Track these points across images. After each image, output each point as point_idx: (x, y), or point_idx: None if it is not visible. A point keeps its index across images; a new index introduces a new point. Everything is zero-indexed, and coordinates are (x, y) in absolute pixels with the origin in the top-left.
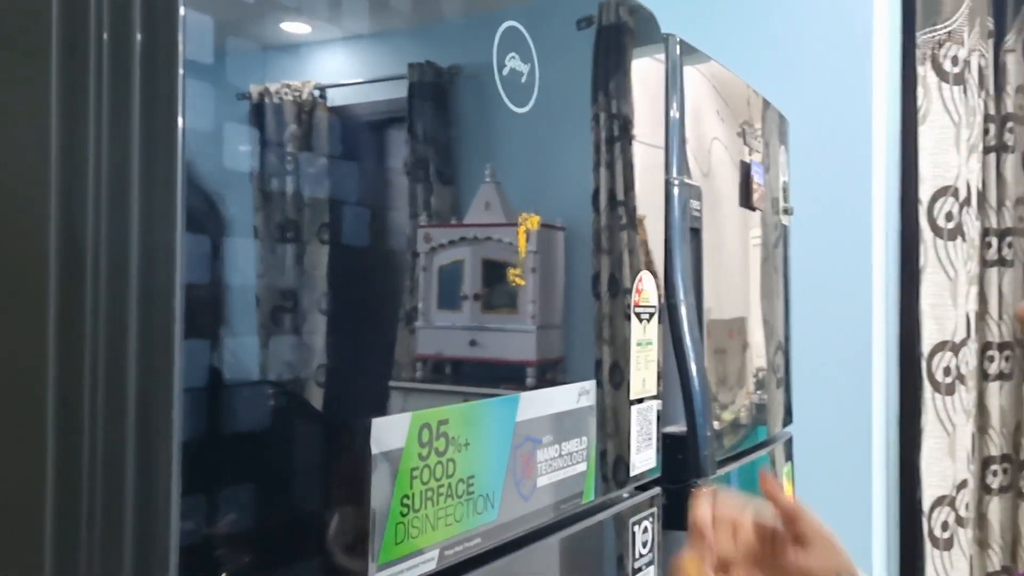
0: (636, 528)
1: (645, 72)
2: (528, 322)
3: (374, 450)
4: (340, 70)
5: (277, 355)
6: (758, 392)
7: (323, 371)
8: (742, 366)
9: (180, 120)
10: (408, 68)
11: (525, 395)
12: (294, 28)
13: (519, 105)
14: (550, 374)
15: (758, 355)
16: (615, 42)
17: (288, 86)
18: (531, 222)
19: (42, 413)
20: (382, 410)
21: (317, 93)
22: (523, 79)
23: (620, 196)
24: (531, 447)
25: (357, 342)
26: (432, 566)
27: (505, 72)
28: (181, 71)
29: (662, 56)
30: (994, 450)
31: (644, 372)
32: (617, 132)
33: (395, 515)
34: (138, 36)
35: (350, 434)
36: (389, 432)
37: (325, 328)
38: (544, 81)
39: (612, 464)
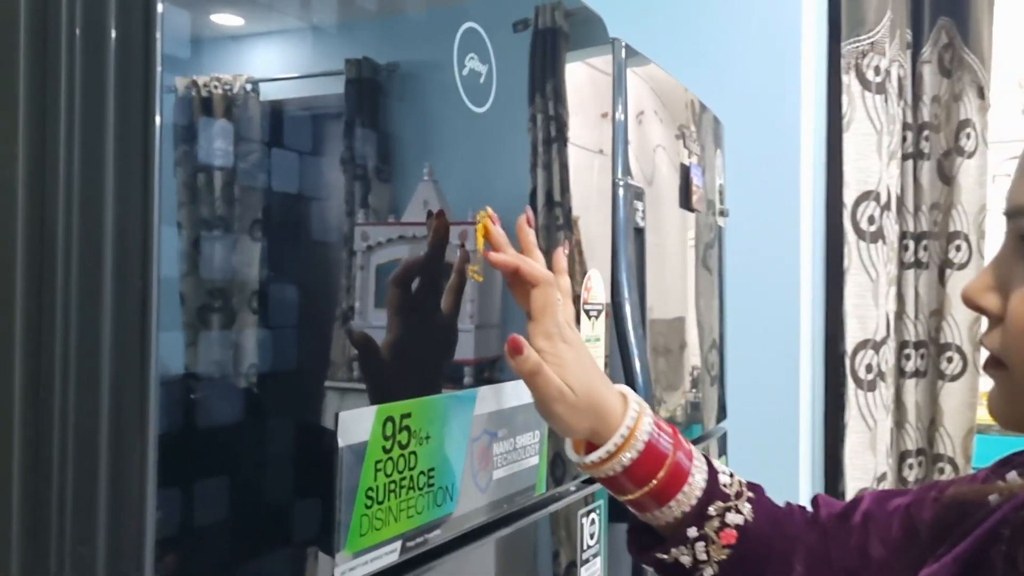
0: (584, 520)
1: (587, 75)
2: (466, 321)
3: (340, 443)
4: (275, 64)
5: (206, 353)
6: (694, 391)
7: (254, 370)
8: (679, 366)
9: (157, 118)
10: (345, 64)
11: (483, 389)
12: (225, 20)
13: (475, 104)
14: (488, 372)
15: (694, 354)
16: (551, 45)
17: (218, 79)
18: (484, 219)
19: (9, 406)
20: (316, 409)
21: (249, 87)
22: (481, 80)
23: (557, 197)
24: (488, 440)
25: (289, 341)
26: (394, 557)
27: (464, 72)
28: (159, 68)
29: (608, 59)
30: (910, 444)
31: None
32: (554, 133)
33: (360, 507)
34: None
35: (306, 428)
36: (355, 425)
37: (256, 327)
38: (495, 80)
39: (560, 457)
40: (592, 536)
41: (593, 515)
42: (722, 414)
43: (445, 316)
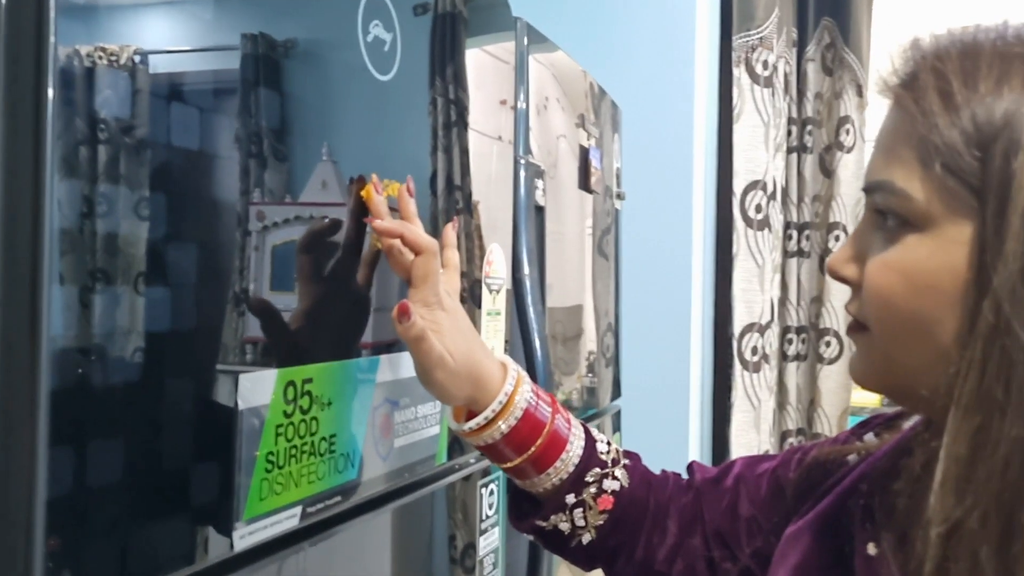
0: (483, 491)
1: (487, 61)
2: None
3: (241, 406)
4: (166, 36)
5: (99, 314)
6: (590, 375)
7: (149, 333)
8: (576, 351)
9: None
10: (241, 39)
11: (385, 357)
12: None
13: (380, 73)
14: (385, 355)
15: (590, 340)
16: (451, 29)
17: (103, 50)
18: (392, 188)
19: None
20: (216, 372)
21: (138, 59)
22: (386, 47)
23: (457, 181)
24: (389, 408)
25: (179, 325)
26: (295, 523)
27: (368, 39)
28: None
29: (510, 46)
30: (791, 424)
31: (493, 341)
32: (454, 118)
33: (260, 471)
34: None
35: (206, 391)
36: (256, 388)
37: (143, 311)
38: (401, 53)
39: None
40: (491, 507)
41: (492, 486)
42: (616, 392)
43: (358, 288)
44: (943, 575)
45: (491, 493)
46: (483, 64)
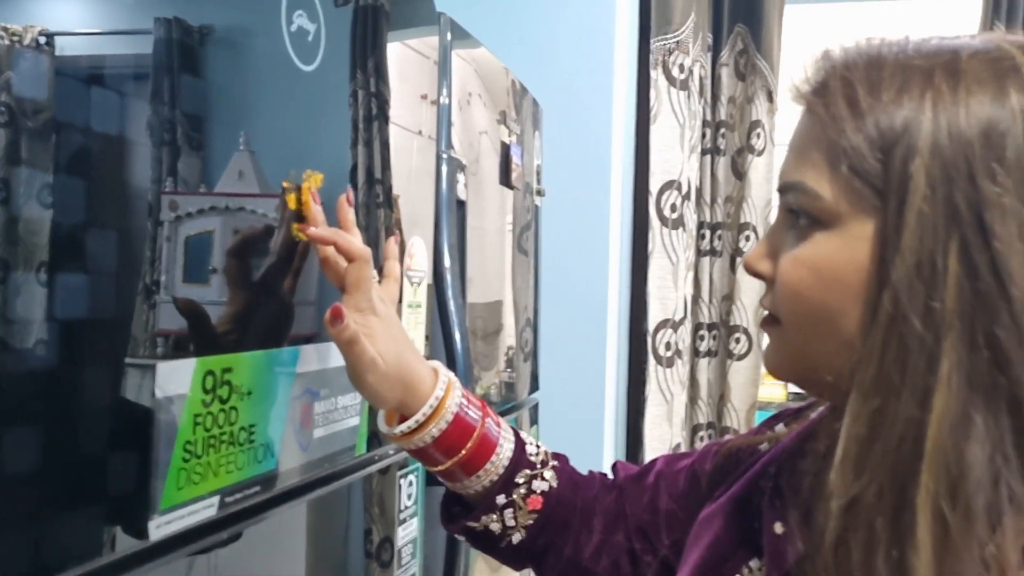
0: (402, 482)
1: (409, 56)
2: None
3: (158, 394)
4: (76, 18)
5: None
6: (508, 370)
7: (61, 320)
8: (495, 347)
9: None
10: (154, 23)
11: (305, 348)
12: None
13: (304, 63)
14: (307, 346)
15: (510, 336)
16: (373, 22)
17: (5, 29)
18: (315, 180)
19: None
20: (119, 385)
21: (43, 40)
22: (310, 38)
23: (377, 174)
24: (310, 399)
25: (85, 315)
26: (212, 512)
27: (292, 28)
28: None
29: (432, 40)
30: (702, 418)
31: (413, 333)
32: (375, 111)
33: (177, 461)
34: None
35: (123, 379)
36: (174, 377)
37: (44, 303)
38: (323, 40)
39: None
40: (410, 497)
41: (411, 477)
42: (534, 385)
43: (284, 290)
44: (842, 544)
45: (410, 484)
46: (405, 58)
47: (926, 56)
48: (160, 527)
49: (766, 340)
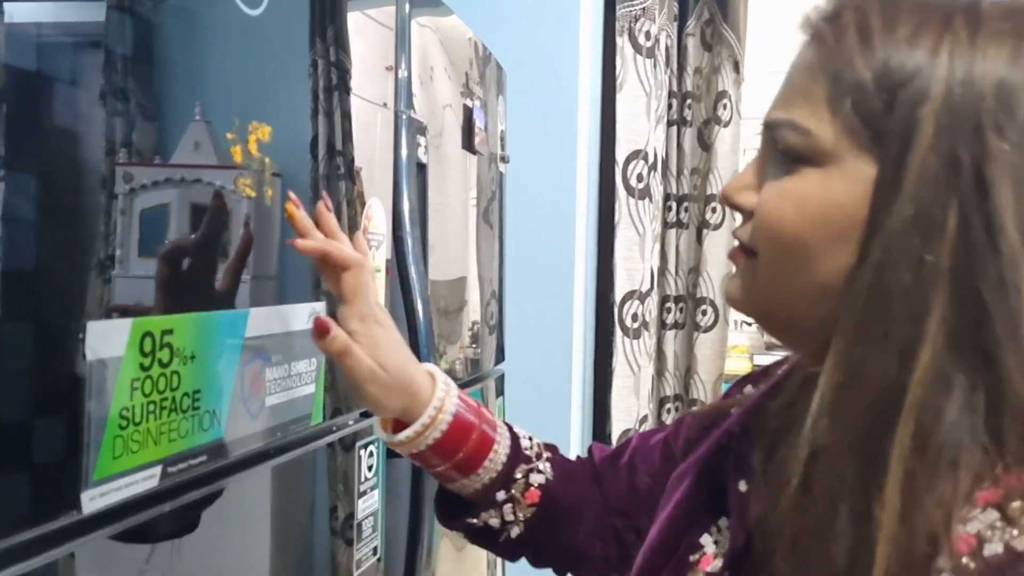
0: (362, 452)
1: (371, 26)
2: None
3: (89, 356)
4: None
5: None
6: (474, 346)
7: None
8: (459, 322)
9: None
10: None
11: (255, 311)
12: None
13: (250, 7)
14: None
15: (474, 309)
16: None
17: None
18: (261, 132)
19: None
20: (64, 320)
21: None
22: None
23: (339, 146)
24: (260, 365)
25: (38, 292)
26: (154, 483)
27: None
28: None
29: (392, 9)
30: (668, 390)
31: None
32: (335, 81)
33: (113, 428)
34: None
35: (60, 338)
36: (106, 338)
37: None
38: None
39: (339, 389)
40: (370, 468)
41: (371, 448)
42: (500, 357)
43: (221, 295)
44: (807, 491)
45: (370, 455)
46: (369, 29)
47: None
48: (94, 499)
49: (733, 314)
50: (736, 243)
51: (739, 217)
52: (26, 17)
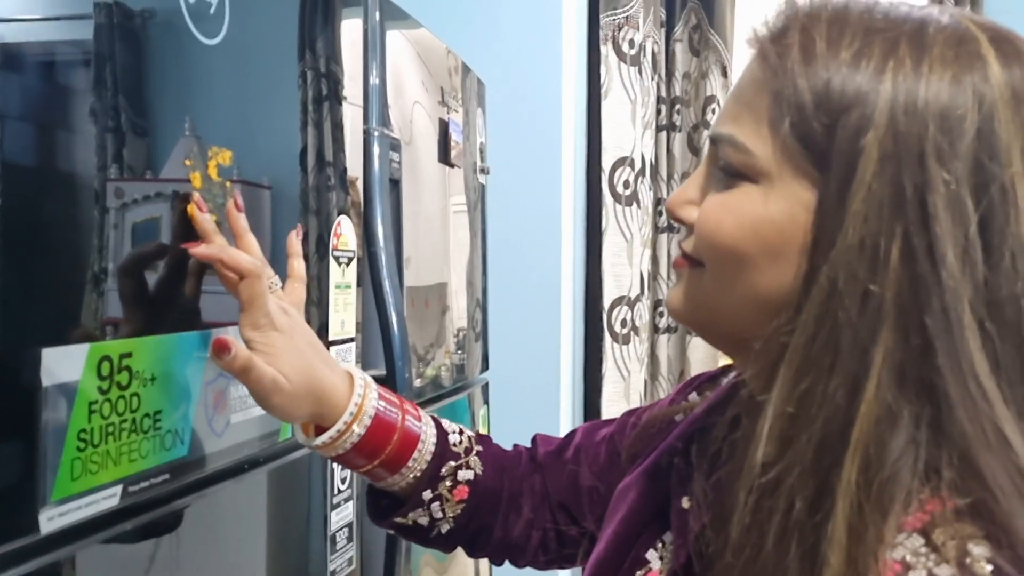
0: (334, 466)
1: (355, 33)
2: (219, 284)
3: (44, 382)
4: (13, 5)
5: None
6: (459, 352)
7: None
8: (442, 329)
9: None
10: (94, 8)
11: (215, 332)
12: None
13: (208, 36)
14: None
15: (459, 317)
16: (323, 1)
17: None
18: (222, 157)
19: None
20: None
21: None
22: (211, 10)
23: (329, 157)
24: (224, 384)
25: (33, 307)
26: (115, 502)
27: (192, 1)
28: None
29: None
30: (662, 394)
31: (343, 314)
32: (325, 91)
33: (71, 450)
34: None
35: (16, 365)
36: (62, 364)
37: None
38: (236, 15)
39: None
40: (343, 481)
41: None
42: (485, 365)
43: (186, 302)
44: (756, 525)
45: (342, 468)
46: (359, 37)
47: (893, 22)
48: (52, 519)
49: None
50: (679, 253)
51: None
52: (16, 38)
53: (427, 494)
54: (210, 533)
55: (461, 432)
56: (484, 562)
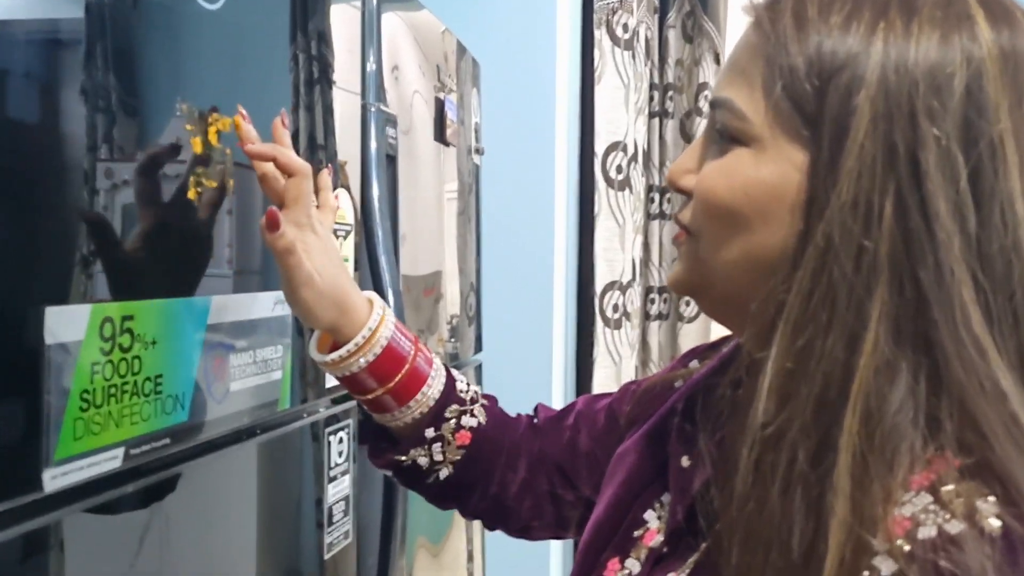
0: (332, 438)
1: (355, 17)
2: (224, 267)
3: (48, 340)
4: None
5: None
6: (452, 340)
7: None
8: (436, 316)
9: None
10: None
11: (217, 299)
12: None
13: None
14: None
15: (453, 302)
16: None
17: None
18: (222, 123)
19: None
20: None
21: None
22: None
23: (320, 140)
24: (224, 351)
25: (21, 287)
26: (117, 464)
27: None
28: None
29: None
30: None
31: None
32: (316, 75)
33: (73, 410)
34: None
35: (19, 323)
36: (65, 323)
37: None
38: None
39: (309, 375)
40: (340, 454)
41: (341, 433)
42: (478, 347)
43: (199, 224)
44: (759, 479)
45: (340, 441)
46: (351, 20)
47: None
48: (56, 478)
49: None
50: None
51: (678, 203)
52: (4, 14)
53: (429, 432)
54: (208, 499)
55: (468, 384)
56: (477, 539)
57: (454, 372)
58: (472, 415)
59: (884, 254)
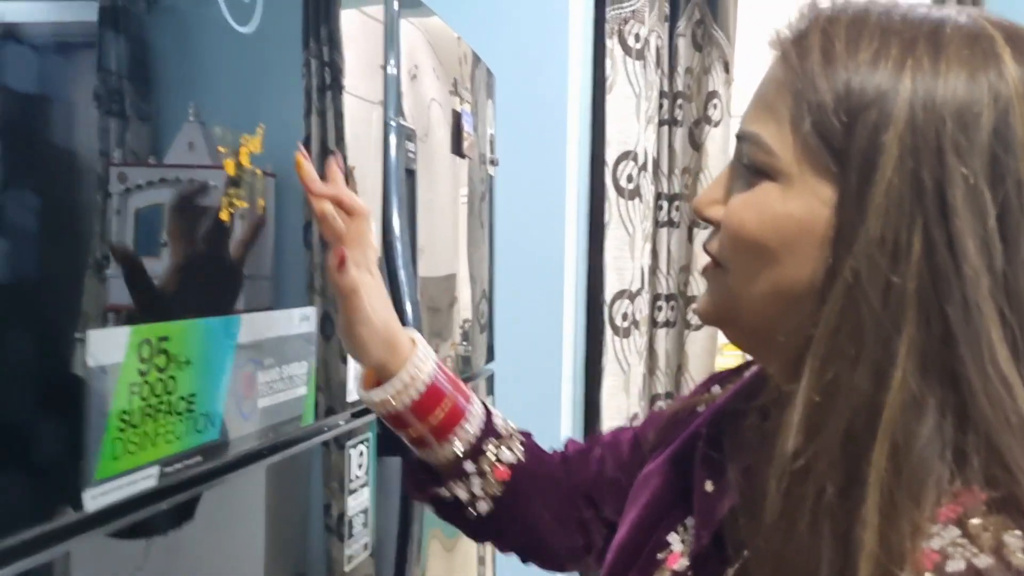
0: (352, 451)
1: (366, 24)
2: (255, 283)
3: (90, 363)
4: None
5: None
6: (464, 344)
7: None
8: (450, 321)
9: None
10: None
11: (246, 316)
12: None
13: (240, 24)
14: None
15: (465, 308)
16: None
17: None
18: (253, 144)
19: None
20: (67, 328)
21: None
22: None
23: (332, 145)
24: (253, 368)
25: (34, 294)
26: (153, 483)
27: None
28: None
29: (381, 7)
30: (660, 388)
31: None
32: (329, 81)
33: (112, 431)
34: None
35: (61, 347)
36: (107, 346)
37: None
38: (269, 4)
39: (331, 389)
40: (360, 467)
41: (361, 447)
42: (490, 356)
43: (231, 244)
44: (789, 511)
45: (360, 454)
46: (363, 27)
47: (910, 24)
48: (96, 498)
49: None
50: (708, 260)
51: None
52: (20, 17)
53: (469, 465)
54: (231, 513)
55: (505, 420)
56: (488, 554)
57: (492, 408)
58: (510, 450)
59: (912, 290)
